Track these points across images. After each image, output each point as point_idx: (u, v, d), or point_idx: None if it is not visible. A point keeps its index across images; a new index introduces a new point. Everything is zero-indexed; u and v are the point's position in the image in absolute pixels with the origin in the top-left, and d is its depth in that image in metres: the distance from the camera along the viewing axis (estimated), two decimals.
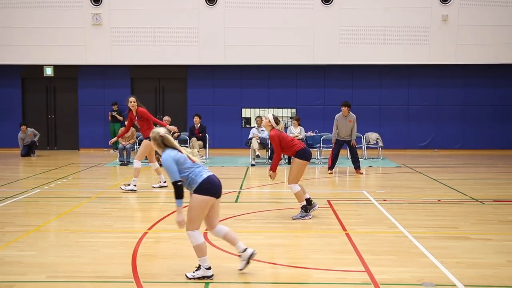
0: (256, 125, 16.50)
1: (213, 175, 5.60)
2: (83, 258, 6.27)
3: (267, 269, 5.88)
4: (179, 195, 5.36)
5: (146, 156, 11.18)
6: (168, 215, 8.54)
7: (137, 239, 7.04)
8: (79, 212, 8.82)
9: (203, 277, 5.55)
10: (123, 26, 18.27)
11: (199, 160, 5.64)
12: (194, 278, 5.55)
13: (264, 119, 8.36)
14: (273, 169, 8.33)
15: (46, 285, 5.40)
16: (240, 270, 5.75)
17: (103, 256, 6.34)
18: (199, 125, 15.96)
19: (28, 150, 17.45)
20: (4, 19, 18.19)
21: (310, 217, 8.30)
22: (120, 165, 15.07)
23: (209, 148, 16.37)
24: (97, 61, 18.54)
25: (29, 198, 10.06)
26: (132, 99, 11.04)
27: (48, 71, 19.03)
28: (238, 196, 10.30)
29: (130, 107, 11.03)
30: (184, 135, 16.15)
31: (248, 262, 5.73)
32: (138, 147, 15.65)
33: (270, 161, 14.99)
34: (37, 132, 17.81)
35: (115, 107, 18.48)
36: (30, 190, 10.81)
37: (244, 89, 18.91)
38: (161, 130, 5.59)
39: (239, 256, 5.75)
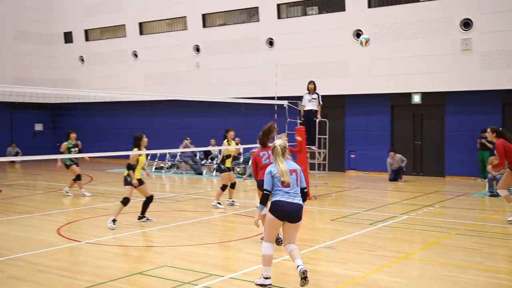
0: None
1: (286, 202, 6.17)
2: None
3: None
4: (262, 201, 6.35)
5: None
6: None
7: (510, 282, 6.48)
8: (447, 244, 8.65)
9: (262, 285, 6.23)
10: (495, 49, 17.38)
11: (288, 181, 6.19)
12: (256, 284, 6.30)
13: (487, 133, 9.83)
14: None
15: None
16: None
17: None
18: None
19: (396, 175, 18.13)
20: (378, 52, 19.42)
21: None
22: (490, 196, 14.22)
23: None
24: (466, 87, 18.09)
25: (397, 223, 10.39)
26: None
27: (416, 99, 19.48)
28: None
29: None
30: None
31: (302, 278, 5.92)
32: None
33: None
34: (404, 158, 18.38)
35: (484, 135, 17.63)
36: (399, 216, 11.16)
37: None
38: (277, 142, 6.41)
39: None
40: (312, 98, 14.09)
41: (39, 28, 28.30)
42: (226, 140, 12.55)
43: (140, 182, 10.23)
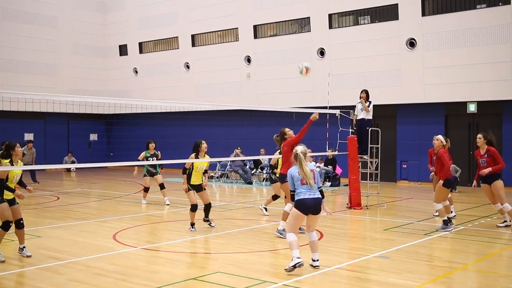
0: None
1: (309, 198, 7.23)
2: None
3: None
4: (291, 199, 7.47)
5: None
6: None
7: None
8: (506, 256, 8.38)
9: (295, 265, 7.03)
10: None
11: (311, 183, 7.27)
12: (290, 268, 7.07)
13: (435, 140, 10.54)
14: None
15: None
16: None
17: None
18: None
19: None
20: (432, 60, 19.08)
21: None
22: None
23: None
24: None
25: (453, 234, 10.11)
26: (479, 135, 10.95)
27: (471, 108, 19.01)
28: None
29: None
30: None
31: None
32: None
33: None
34: (458, 168, 17.91)
35: None
36: (454, 227, 10.86)
37: None
38: (299, 148, 7.46)
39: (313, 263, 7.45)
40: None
41: (96, 42, 29.25)
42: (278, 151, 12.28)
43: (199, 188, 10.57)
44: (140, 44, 28.24)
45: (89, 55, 28.93)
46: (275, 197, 12.19)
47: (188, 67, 26.22)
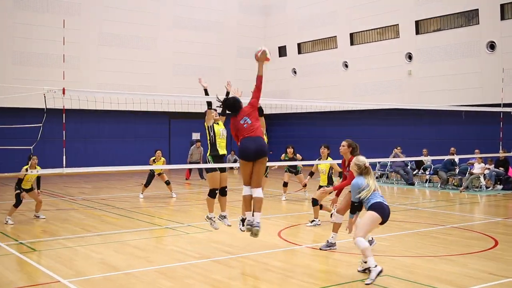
0: None
1: (384, 201, 7.10)
2: None
3: None
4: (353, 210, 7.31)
5: None
6: None
7: None
8: None
9: (378, 274, 6.67)
10: None
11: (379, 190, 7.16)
12: (373, 280, 6.62)
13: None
14: None
15: None
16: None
17: None
18: None
19: None
20: None
21: None
22: None
23: None
24: None
25: None
26: None
27: None
28: None
29: None
30: None
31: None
32: None
33: None
34: None
35: None
36: None
37: None
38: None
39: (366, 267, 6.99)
40: None
41: (257, 44, 30.22)
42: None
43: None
44: (299, 44, 28.68)
45: (251, 58, 29.97)
46: None
47: (346, 66, 26.06)
